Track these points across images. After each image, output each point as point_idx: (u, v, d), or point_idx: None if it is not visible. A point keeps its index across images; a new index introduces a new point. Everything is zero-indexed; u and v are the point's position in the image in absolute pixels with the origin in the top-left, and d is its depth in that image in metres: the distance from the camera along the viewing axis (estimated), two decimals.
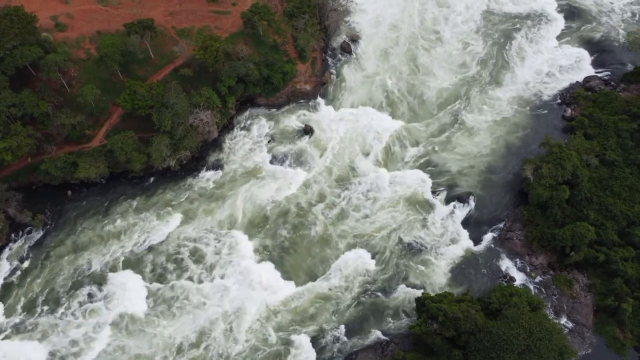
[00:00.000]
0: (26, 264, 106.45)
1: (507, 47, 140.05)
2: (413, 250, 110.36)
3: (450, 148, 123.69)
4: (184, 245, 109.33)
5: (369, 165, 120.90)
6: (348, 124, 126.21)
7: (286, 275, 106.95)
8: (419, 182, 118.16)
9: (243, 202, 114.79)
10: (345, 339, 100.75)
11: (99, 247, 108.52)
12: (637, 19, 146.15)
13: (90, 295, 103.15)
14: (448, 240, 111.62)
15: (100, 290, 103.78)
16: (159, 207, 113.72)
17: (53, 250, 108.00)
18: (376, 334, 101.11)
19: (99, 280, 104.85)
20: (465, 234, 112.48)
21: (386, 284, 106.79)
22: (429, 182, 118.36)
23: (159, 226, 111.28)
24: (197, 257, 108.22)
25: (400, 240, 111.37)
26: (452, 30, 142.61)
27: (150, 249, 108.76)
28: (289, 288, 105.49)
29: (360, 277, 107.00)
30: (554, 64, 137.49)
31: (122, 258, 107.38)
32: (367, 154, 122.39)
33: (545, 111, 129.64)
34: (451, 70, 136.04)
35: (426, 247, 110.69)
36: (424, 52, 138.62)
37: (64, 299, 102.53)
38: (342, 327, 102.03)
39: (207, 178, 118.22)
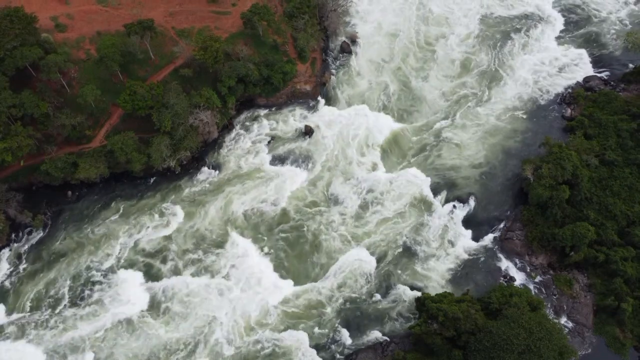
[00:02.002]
0: (26, 264, 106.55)
1: (506, 49, 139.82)
2: (413, 251, 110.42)
3: (448, 151, 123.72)
4: (183, 245, 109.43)
5: (368, 166, 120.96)
6: (348, 124, 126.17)
7: (286, 276, 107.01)
8: (418, 182, 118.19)
9: (242, 203, 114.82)
10: (345, 339, 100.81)
11: (99, 248, 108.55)
12: (636, 18, 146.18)
13: (90, 296, 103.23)
14: (448, 240, 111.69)
15: (100, 290, 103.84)
16: (159, 207, 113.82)
17: (53, 251, 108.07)
18: (376, 334, 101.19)
19: (99, 280, 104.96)
20: (465, 234, 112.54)
21: (386, 284, 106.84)
22: (429, 182, 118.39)
23: (159, 226, 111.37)
24: (196, 257, 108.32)
25: (400, 240, 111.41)
26: (451, 36, 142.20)
27: (150, 248, 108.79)
28: (288, 288, 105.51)
29: (360, 278, 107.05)
30: (553, 65, 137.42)
31: (122, 258, 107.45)
32: (366, 154, 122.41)
33: (545, 111, 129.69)
34: (449, 76, 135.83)
35: (426, 247, 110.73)
36: (421, 63, 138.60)
37: (63, 300, 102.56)
38: (342, 327, 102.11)
39: (207, 178, 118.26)
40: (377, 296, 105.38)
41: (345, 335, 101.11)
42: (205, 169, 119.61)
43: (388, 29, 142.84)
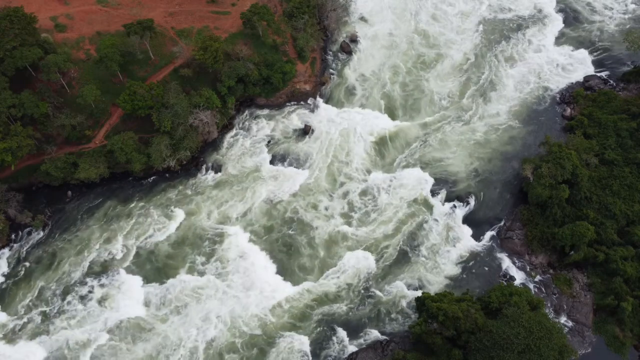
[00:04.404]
0: (25, 264, 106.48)
1: (505, 51, 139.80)
2: (413, 250, 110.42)
3: (448, 151, 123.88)
4: (182, 246, 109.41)
5: (367, 165, 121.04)
6: (347, 124, 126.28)
7: (287, 275, 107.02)
8: (418, 181, 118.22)
9: (242, 202, 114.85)
10: (345, 338, 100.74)
11: (99, 248, 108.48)
12: (635, 18, 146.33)
13: (89, 297, 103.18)
14: (448, 240, 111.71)
15: (100, 291, 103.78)
16: (159, 207, 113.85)
17: (52, 251, 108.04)
18: (376, 334, 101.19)
19: (99, 280, 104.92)
20: (465, 233, 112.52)
21: (386, 283, 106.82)
22: (429, 181, 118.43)
23: (158, 226, 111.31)
24: (195, 257, 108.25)
25: (400, 240, 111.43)
26: (452, 38, 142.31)
27: (150, 248, 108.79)
28: (288, 288, 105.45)
29: (360, 278, 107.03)
30: (553, 64, 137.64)
31: (121, 259, 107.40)
32: (365, 154, 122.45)
33: (545, 111, 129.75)
34: (454, 71, 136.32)
35: (426, 247, 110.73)
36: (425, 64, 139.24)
37: (62, 301, 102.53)
38: (342, 327, 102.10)
39: (207, 178, 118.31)
40: (377, 296, 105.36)
41: (345, 335, 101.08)
42: (204, 168, 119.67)
43: (385, 42, 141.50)
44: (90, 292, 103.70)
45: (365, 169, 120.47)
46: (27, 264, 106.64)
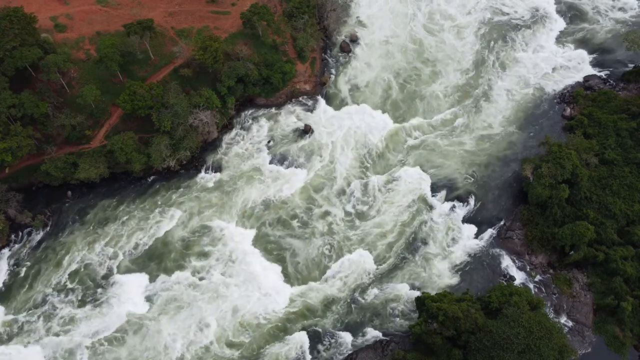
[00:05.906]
0: (26, 265, 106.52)
1: (505, 51, 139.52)
2: (413, 250, 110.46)
3: (447, 151, 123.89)
4: (182, 246, 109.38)
5: (367, 165, 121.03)
6: (347, 124, 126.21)
7: (287, 275, 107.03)
8: (418, 181, 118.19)
9: (241, 203, 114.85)
10: (345, 338, 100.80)
11: (99, 248, 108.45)
12: (635, 18, 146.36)
13: (88, 297, 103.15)
14: (447, 240, 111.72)
15: (100, 291, 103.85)
16: (159, 207, 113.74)
17: (52, 252, 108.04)
18: (376, 334, 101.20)
19: (99, 281, 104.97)
20: (464, 233, 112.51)
21: (386, 283, 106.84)
22: (428, 181, 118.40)
23: (158, 226, 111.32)
24: (196, 257, 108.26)
25: (400, 240, 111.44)
26: (453, 43, 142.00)
27: (150, 248, 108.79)
28: (288, 289, 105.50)
29: (360, 278, 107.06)
30: (553, 64, 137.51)
31: (122, 258, 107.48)
32: (365, 153, 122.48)
33: (545, 111, 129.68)
34: (451, 77, 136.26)
35: (426, 247, 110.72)
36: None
37: (61, 301, 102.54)
38: (342, 326, 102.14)
39: (207, 178, 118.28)
40: (377, 296, 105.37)
41: (345, 335, 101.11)
42: (204, 168, 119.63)
43: (382, 50, 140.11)
44: (88, 292, 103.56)
45: (365, 168, 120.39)
46: (27, 264, 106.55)
